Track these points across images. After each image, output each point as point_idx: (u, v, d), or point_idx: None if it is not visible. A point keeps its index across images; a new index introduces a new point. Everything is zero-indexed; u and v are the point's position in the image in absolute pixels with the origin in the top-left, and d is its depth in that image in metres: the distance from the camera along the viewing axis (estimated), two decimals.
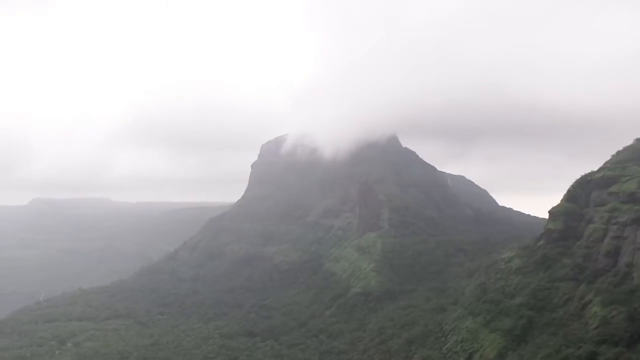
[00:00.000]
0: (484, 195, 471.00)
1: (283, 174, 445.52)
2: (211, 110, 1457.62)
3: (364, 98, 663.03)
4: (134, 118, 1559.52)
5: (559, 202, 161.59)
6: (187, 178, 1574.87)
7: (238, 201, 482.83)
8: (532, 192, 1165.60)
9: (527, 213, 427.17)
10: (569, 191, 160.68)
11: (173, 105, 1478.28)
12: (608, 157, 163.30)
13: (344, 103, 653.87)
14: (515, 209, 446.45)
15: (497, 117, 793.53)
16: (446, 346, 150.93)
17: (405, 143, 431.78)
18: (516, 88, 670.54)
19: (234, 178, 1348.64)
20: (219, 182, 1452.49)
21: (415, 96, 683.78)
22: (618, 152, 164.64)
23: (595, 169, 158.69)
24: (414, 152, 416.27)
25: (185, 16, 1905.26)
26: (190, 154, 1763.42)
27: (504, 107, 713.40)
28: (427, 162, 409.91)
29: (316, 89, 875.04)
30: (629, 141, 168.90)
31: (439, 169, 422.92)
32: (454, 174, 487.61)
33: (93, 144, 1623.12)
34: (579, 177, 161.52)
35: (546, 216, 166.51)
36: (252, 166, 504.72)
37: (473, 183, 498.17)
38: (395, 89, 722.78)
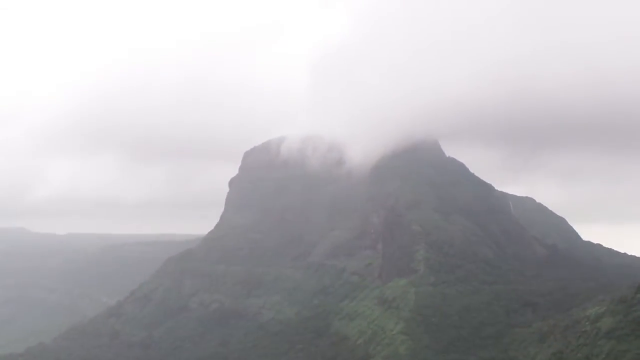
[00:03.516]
0: (561, 226, 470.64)
1: (275, 194, 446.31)
2: (187, 102, 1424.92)
3: (395, 87, 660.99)
4: (72, 114, 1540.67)
5: None
6: (139, 200, 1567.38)
7: (210, 233, 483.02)
8: (632, 221, 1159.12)
9: (622, 252, 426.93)
10: None
11: (132, 96, 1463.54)
12: None
13: (368, 91, 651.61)
14: (605, 245, 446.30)
15: (581, 115, 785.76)
16: None
17: (450, 151, 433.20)
18: (608, 73, 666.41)
19: (205, 200, 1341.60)
20: (184, 206, 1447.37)
21: (466, 87, 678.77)
22: None
23: None
24: (462, 165, 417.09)
25: None
26: (147, 165, 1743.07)
27: (591, 100, 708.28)
28: (481, 178, 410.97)
29: (334, 70, 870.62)
30: None
31: (497, 188, 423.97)
32: (518, 195, 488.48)
33: (8, 152, 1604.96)
34: None
35: None
36: (230, 183, 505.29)
37: (546, 208, 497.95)
38: (439, 77, 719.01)
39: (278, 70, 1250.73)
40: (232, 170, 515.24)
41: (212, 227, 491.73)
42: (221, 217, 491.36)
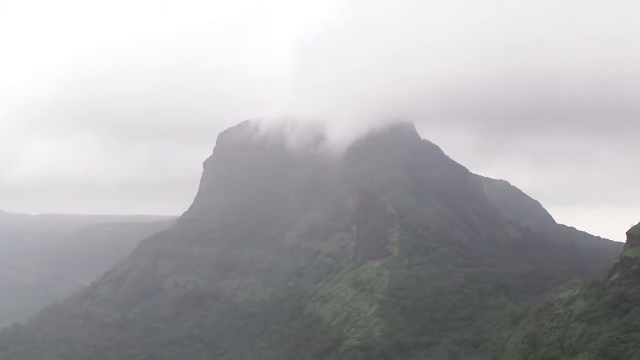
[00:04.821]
0: (535, 209, 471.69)
1: (250, 175, 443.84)
2: (168, 84, 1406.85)
3: (376, 70, 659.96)
4: (51, 95, 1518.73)
5: None
6: (115, 181, 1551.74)
7: (184, 214, 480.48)
8: (604, 205, 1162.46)
9: (595, 235, 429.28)
10: None
11: (111, 78, 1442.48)
12: None
13: (350, 73, 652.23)
14: (579, 228, 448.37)
15: (556, 99, 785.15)
16: None
17: (425, 134, 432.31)
18: (584, 60, 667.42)
19: (182, 181, 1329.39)
20: (160, 187, 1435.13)
21: (443, 71, 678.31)
22: None
23: None
24: (436, 147, 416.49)
25: None
26: (124, 147, 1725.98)
27: (566, 85, 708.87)
28: (456, 161, 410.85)
29: (311, 52, 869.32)
30: None
31: (472, 170, 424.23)
32: (493, 178, 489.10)
33: None
34: None
35: (623, 239, 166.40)
36: (204, 164, 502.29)
37: (520, 192, 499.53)
38: (418, 61, 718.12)
39: (263, 52, 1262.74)
40: (210, 151, 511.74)
41: (186, 209, 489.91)
42: (196, 199, 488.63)
